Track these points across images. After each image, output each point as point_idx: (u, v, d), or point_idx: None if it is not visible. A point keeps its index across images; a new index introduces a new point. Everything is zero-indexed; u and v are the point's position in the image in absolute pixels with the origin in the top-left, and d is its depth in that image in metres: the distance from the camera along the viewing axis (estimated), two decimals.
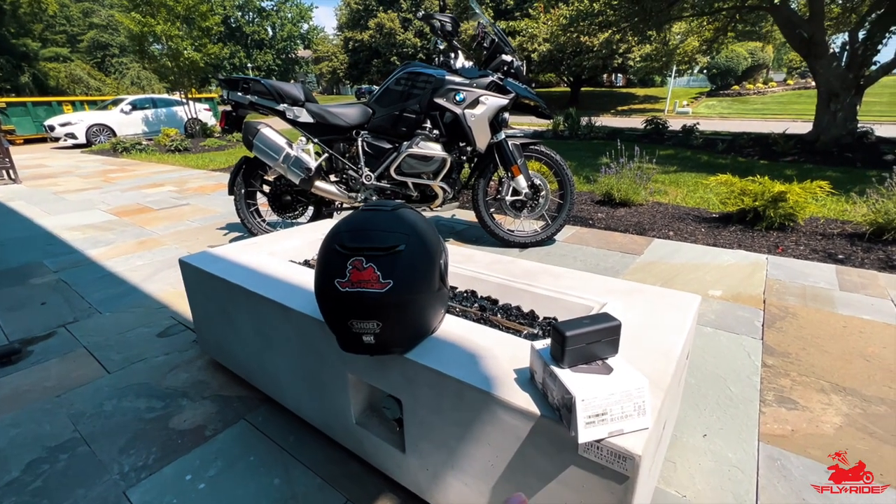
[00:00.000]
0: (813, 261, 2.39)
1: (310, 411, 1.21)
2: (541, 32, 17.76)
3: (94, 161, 7.65)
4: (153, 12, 9.37)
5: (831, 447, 1.15)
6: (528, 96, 2.47)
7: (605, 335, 0.70)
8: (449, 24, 2.39)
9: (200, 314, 1.53)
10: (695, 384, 1.41)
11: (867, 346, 1.59)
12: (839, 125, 6.16)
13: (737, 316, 1.83)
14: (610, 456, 0.64)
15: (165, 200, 4.30)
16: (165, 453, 1.18)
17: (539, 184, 2.60)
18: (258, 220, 2.76)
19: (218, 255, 1.48)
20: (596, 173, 4.05)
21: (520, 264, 1.34)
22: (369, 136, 2.54)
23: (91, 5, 32.51)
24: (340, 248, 0.81)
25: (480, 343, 0.90)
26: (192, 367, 1.57)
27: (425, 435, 0.90)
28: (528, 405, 0.72)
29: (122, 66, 30.58)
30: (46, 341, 1.78)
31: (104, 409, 1.36)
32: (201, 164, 6.70)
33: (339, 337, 0.86)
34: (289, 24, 31.50)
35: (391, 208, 0.88)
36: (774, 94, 20.92)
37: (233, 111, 2.57)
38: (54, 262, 2.66)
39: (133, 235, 3.17)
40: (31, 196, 4.74)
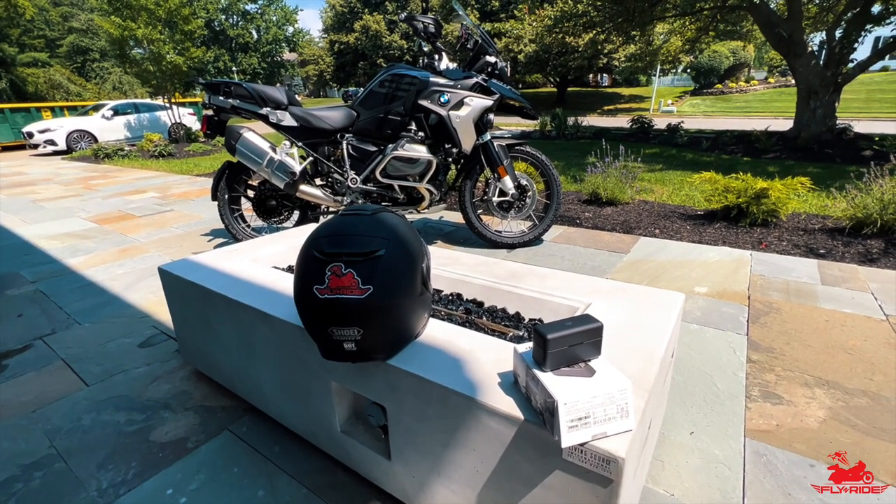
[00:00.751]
0: (795, 256, 2.43)
1: (294, 420, 1.19)
2: (526, 33, 17.87)
3: (75, 168, 7.49)
4: (134, 16, 9.22)
5: (815, 441, 1.16)
6: (513, 97, 2.48)
7: (588, 337, 0.69)
8: (432, 25, 2.38)
9: (182, 323, 1.49)
10: (681, 381, 1.42)
11: (849, 339, 1.62)
12: (819, 122, 6.29)
13: (722, 312, 1.84)
14: (594, 459, 0.63)
15: (148, 207, 4.22)
16: (146, 467, 1.15)
17: (525, 184, 2.60)
18: (243, 226, 2.72)
19: (199, 262, 1.45)
20: (583, 173, 4.07)
21: (505, 266, 1.34)
22: (354, 139, 2.52)
23: (70, 9, 31.88)
24: (319, 254, 0.79)
25: (465, 347, 0.89)
26: (174, 378, 1.54)
27: (411, 442, 0.89)
28: (512, 410, 0.71)
29: (104, 71, 30.02)
30: (22, 354, 1.73)
31: (82, 424, 1.33)
32: (185, 169, 6.61)
33: (320, 344, 0.85)
34: (274, 27, 31.23)
35: (371, 212, 0.86)
36: (756, 92, 21.32)
37: (214, 115, 2.53)
38: (32, 273, 2.59)
39: (114, 243, 3.10)
40: (8, 205, 4.62)
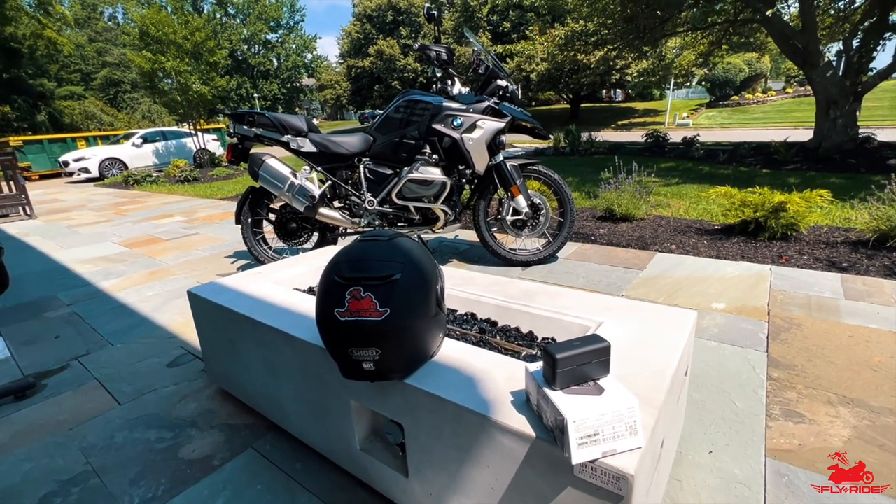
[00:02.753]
0: (817, 270, 2.38)
1: (315, 438, 1.23)
2: (538, 53, 18.14)
3: (107, 194, 7.86)
4: (163, 50, 9.76)
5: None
6: (524, 118, 2.54)
7: (596, 356, 0.72)
8: (444, 53, 2.47)
9: (208, 344, 1.56)
10: (699, 399, 1.40)
11: (874, 356, 1.58)
12: (840, 131, 6.17)
13: (741, 329, 1.82)
14: (604, 476, 0.65)
15: (175, 231, 4.40)
16: (175, 484, 1.20)
17: (539, 203, 2.64)
18: (265, 248, 2.82)
19: (224, 285, 1.53)
20: (597, 189, 4.09)
21: (518, 285, 1.37)
22: (371, 163, 2.61)
23: (105, 45, 33.84)
24: (339, 279, 0.84)
25: (479, 366, 0.92)
26: (200, 397, 1.60)
27: (427, 459, 0.91)
28: (524, 427, 0.73)
29: (134, 101, 31.60)
30: (60, 374, 1.82)
31: (115, 441, 1.39)
32: (209, 193, 6.86)
33: (340, 364, 0.89)
34: (293, 54, 32.50)
35: (387, 238, 0.91)
36: (774, 102, 21.01)
37: (239, 143, 2.66)
38: (68, 296, 2.73)
39: (144, 266, 3.24)
40: (45, 231, 4.87)
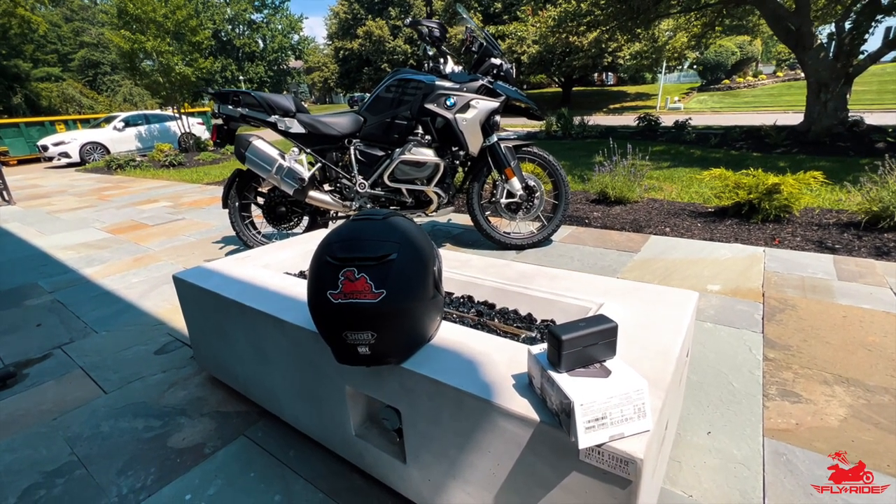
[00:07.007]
0: (810, 251, 2.39)
1: (309, 424, 1.20)
2: (530, 34, 17.86)
3: (89, 179, 7.64)
4: (143, 29, 9.40)
5: (836, 440, 1.14)
6: (519, 98, 2.48)
7: (602, 337, 0.69)
8: (437, 29, 2.39)
9: (196, 330, 1.51)
10: (696, 381, 1.40)
11: (868, 336, 1.59)
12: (830, 115, 6.19)
13: (736, 310, 1.82)
14: (611, 460, 0.63)
15: (160, 216, 4.28)
16: (164, 473, 1.17)
17: (533, 185, 2.60)
18: (253, 233, 2.75)
19: (212, 269, 1.47)
20: (590, 172, 4.05)
21: (515, 267, 1.34)
22: (361, 145, 2.54)
23: (81, 24, 32.55)
24: (332, 260, 0.80)
25: (478, 349, 0.89)
26: (189, 384, 1.56)
27: (426, 445, 0.89)
28: (528, 411, 0.71)
29: (114, 84, 30.58)
30: (42, 363, 1.76)
31: (101, 431, 1.35)
32: (196, 178, 6.70)
33: (334, 349, 0.85)
34: (279, 35, 31.60)
35: (382, 217, 0.87)
36: (765, 86, 21.04)
37: (224, 124, 2.56)
38: (49, 283, 2.64)
39: (128, 252, 3.15)
40: (25, 216, 4.72)
